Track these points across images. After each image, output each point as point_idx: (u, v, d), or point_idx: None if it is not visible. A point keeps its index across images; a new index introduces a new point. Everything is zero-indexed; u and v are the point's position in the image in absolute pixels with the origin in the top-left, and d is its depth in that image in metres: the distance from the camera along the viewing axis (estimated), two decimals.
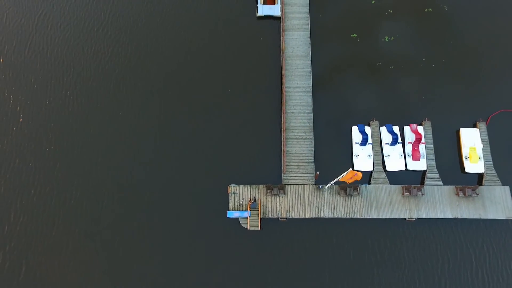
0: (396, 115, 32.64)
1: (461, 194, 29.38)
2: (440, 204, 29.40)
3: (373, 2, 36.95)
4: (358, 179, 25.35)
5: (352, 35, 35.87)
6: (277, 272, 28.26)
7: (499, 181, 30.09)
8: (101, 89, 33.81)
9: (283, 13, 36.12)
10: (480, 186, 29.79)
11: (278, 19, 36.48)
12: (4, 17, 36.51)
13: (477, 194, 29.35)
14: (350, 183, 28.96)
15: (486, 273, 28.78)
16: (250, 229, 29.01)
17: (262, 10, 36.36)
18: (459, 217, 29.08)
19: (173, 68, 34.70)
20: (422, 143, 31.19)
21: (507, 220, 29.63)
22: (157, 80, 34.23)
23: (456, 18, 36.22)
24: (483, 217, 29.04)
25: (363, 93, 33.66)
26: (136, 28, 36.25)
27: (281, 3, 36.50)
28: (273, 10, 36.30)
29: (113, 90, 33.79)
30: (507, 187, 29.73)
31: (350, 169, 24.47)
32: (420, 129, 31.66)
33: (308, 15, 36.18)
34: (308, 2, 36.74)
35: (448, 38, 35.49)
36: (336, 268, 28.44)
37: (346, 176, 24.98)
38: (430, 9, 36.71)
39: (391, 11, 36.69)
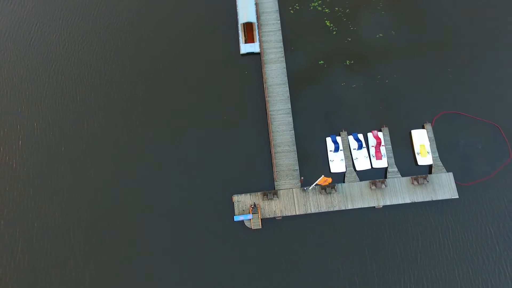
0: (360, 125, 40.58)
1: (415, 183, 37.35)
2: (400, 192, 37.32)
3: (334, 33, 45.09)
4: (330, 182, 33.26)
5: (319, 62, 43.86)
6: (278, 260, 35.71)
7: (444, 169, 38.18)
8: (112, 108, 41.17)
9: (261, 49, 43.94)
10: (429, 174, 37.81)
11: (258, 54, 44.22)
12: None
13: (428, 181, 37.35)
14: (326, 185, 36.67)
15: (450, 241, 36.43)
16: (254, 228, 36.49)
17: (245, 48, 44.07)
18: (416, 201, 37.01)
19: (174, 102, 42.11)
20: (382, 145, 39.13)
21: (458, 199, 37.59)
22: (163, 109, 41.69)
23: (403, 42, 44.51)
24: (434, 198, 37.01)
25: (333, 109, 41.54)
26: (139, 64, 43.76)
27: (259, 41, 44.33)
28: (254, 47, 44.05)
29: (122, 110, 41.19)
30: (450, 173, 37.79)
31: (322, 175, 32.25)
32: (380, 134, 39.63)
33: (282, 49, 43.97)
34: (282, 38, 44.61)
35: (396, 57, 43.67)
36: (331, 251, 35.79)
37: (320, 181, 32.75)
38: (381, 35, 44.95)
39: (350, 39, 44.85)
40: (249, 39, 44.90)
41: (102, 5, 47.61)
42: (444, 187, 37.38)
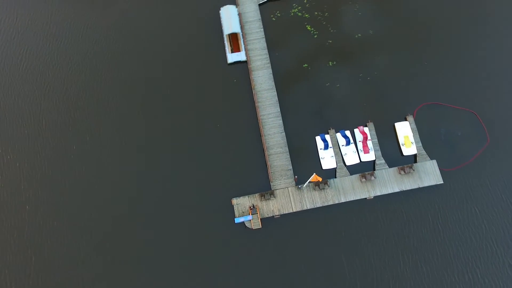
0: (346, 122, 42.88)
1: (402, 172, 39.71)
2: (388, 182, 39.65)
3: (315, 36, 47.36)
4: (321, 180, 35.52)
5: (304, 65, 46.10)
6: (281, 255, 37.76)
7: (428, 157, 40.62)
8: (110, 121, 42.96)
9: (248, 57, 46.05)
10: (415, 163, 40.21)
11: (245, 62, 46.34)
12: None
13: (414, 170, 39.74)
14: (319, 182, 38.89)
15: (440, 224, 38.78)
16: (254, 228, 38.52)
17: (231, 57, 46.14)
18: (404, 189, 39.37)
19: (167, 113, 44.02)
20: (368, 140, 41.44)
21: (443, 184, 39.98)
22: (159, 120, 43.59)
23: (380, 40, 46.94)
24: (421, 185, 39.40)
25: (320, 109, 43.77)
26: (132, 78, 45.59)
27: (245, 50, 46.45)
28: (240, 56, 46.14)
29: (120, 122, 43.02)
30: (434, 161, 40.25)
31: (314, 173, 34.42)
32: (366, 129, 41.94)
33: (268, 55, 46.17)
34: (266, 45, 46.80)
35: (376, 55, 46.06)
36: (330, 243, 37.93)
37: (312, 178, 34.92)
38: (359, 35, 47.35)
39: (331, 41, 47.20)
40: (235, 48, 46.95)
41: (88, 25, 49.32)
42: (429, 174, 39.80)
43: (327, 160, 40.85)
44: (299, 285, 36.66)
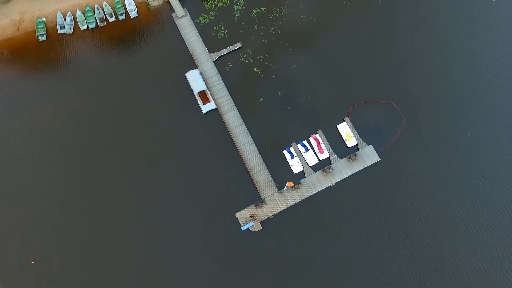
0: (302, 134, 56.97)
1: (350, 160, 54.09)
2: (343, 170, 53.93)
3: (262, 75, 61.48)
4: (293, 184, 49.60)
5: (260, 100, 60.01)
6: (283, 244, 51.14)
7: (365, 144, 55.23)
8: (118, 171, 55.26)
9: (217, 105, 59.45)
10: (357, 151, 54.71)
11: (216, 109, 59.70)
12: None
13: (358, 156, 54.22)
14: (292, 186, 52.78)
15: (394, 186, 53.31)
16: (257, 230, 51.75)
17: (205, 108, 59.30)
18: (355, 172, 53.72)
19: (169, 162, 56.79)
20: (321, 143, 55.64)
21: (381, 160, 54.59)
22: (167, 171, 56.22)
23: (311, 67, 61.52)
24: (365, 166, 53.86)
25: (280, 129, 57.67)
26: (116, 139, 58.05)
27: (213, 99, 59.83)
28: (211, 105, 59.41)
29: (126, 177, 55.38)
30: (370, 146, 54.90)
31: (287, 182, 48.31)
32: (318, 136, 56.14)
33: (231, 99, 59.64)
34: (228, 92, 60.39)
35: (310, 79, 60.51)
36: (320, 224, 51.61)
37: (288, 185, 48.82)
38: (295, 66, 61.75)
39: (275, 76, 61.36)
40: (205, 100, 60.19)
41: (67, 110, 61.17)
42: (369, 156, 54.37)
43: (296, 166, 54.73)
44: (307, 260, 50.30)
